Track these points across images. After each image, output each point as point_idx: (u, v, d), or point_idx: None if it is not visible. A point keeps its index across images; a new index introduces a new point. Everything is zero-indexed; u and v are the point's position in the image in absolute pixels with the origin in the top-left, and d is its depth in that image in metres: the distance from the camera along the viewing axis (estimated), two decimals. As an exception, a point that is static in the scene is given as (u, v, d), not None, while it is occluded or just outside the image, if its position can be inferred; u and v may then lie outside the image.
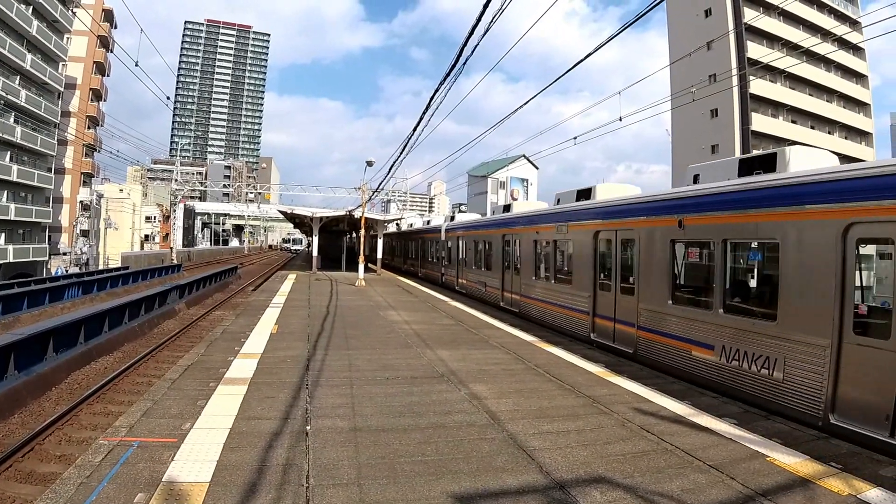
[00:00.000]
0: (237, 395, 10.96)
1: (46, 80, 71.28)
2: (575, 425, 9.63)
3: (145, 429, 9.14)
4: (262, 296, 29.92)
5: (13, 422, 13.08)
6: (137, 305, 25.13)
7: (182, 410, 10.05)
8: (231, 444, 8.44)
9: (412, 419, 9.69)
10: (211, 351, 15.14)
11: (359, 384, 11.86)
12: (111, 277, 43.40)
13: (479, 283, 32.89)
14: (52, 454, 11.37)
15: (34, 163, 71.36)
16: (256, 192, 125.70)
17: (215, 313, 29.92)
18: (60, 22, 73.44)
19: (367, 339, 17.29)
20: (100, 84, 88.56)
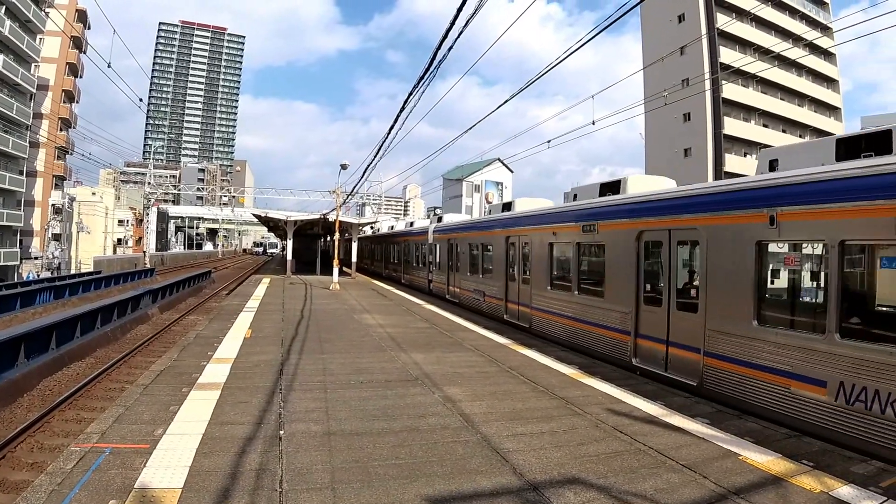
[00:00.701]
0: (210, 400, 10.91)
1: (18, 80, 71.00)
2: (549, 427, 9.66)
3: (117, 435, 9.08)
4: (235, 300, 29.79)
5: None
6: (110, 310, 25.02)
7: (154, 416, 9.98)
8: (204, 450, 8.39)
9: (386, 423, 9.68)
10: (184, 356, 15.05)
11: (333, 388, 11.84)
12: (83, 282, 43.17)
13: (475, 291, 29.23)
14: (24, 462, 11.34)
15: (5, 165, 71.07)
16: (231, 196, 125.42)
17: (188, 318, 29.88)
18: (33, 22, 73.21)
19: (342, 342, 17.24)
20: (72, 85, 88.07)
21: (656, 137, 75.87)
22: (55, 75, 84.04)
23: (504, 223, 25.64)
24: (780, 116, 76.39)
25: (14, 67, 70.11)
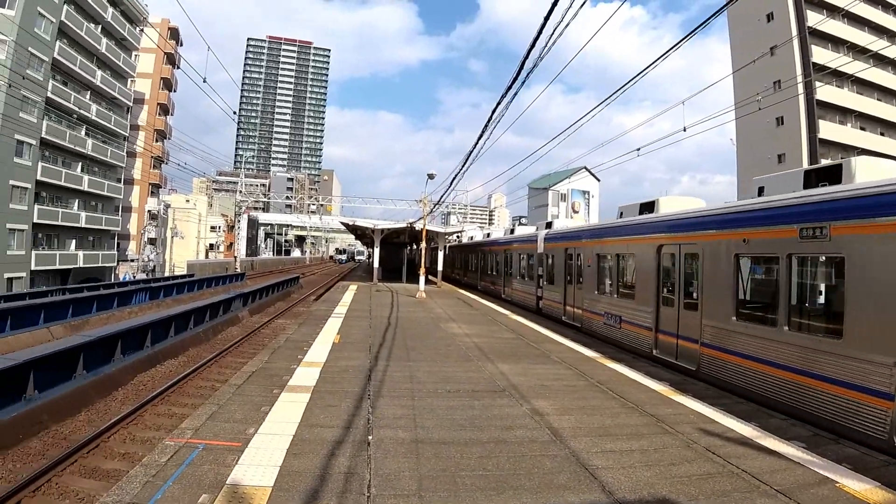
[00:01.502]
0: (300, 402, 11.05)
1: (116, 95, 73.57)
2: (638, 444, 9.42)
3: (210, 432, 9.29)
4: (323, 306, 30.05)
5: (80, 419, 13.54)
6: (202, 312, 25.69)
7: (246, 415, 10.17)
8: (294, 451, 8.52)
9: (473, 433, 9.61)
10: (274, 358, 15.30)
11: (420, 396, 11.84)
12: (177, 284, 44.25)
13: (608, 315, 22.90)
14: (117, 452, 11.70)
15: (104, 173, 73.59)
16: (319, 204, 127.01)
17: (277, 321, 30.24)
18: (128, 40, 75.76)
19: (428, 351, 17.22)
20: (167, 99, 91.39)
21: (748, 143, 73.24)
22: (150, 89, 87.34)
23: (655, 227, 19.69)
24: (877, 118, 72.91)
25: (111, 82, 72.70)
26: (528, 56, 12.40)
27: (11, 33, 51.74)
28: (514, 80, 13.83)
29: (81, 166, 68.76)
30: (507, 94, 14.93)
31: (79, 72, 65.26)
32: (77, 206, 68.25)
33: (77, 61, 64.55)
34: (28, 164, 57.98)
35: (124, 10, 73.90)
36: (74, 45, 64.76)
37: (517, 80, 13.82)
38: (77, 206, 68.25)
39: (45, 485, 9.97)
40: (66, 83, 64.34)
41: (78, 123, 66.38)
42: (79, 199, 68.65)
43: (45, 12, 58.32)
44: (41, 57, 57.95)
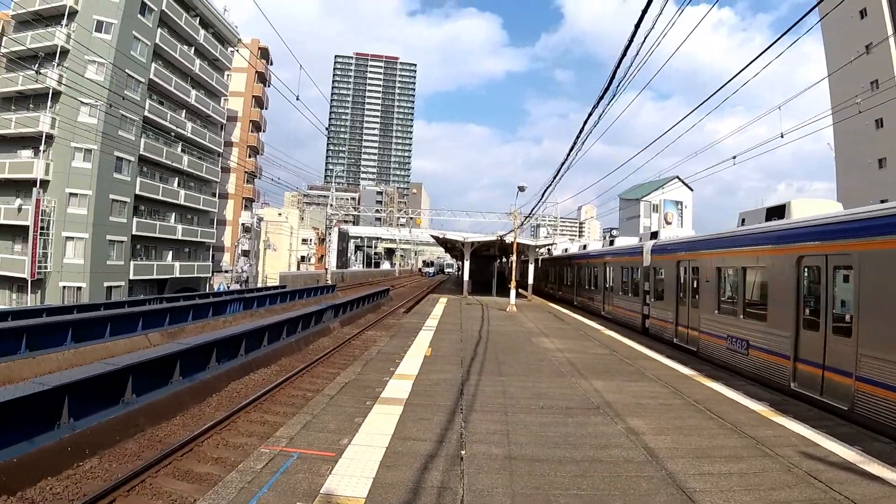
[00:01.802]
0: (393, 414, 11.10)
1: (210, 113, 75.94)
2: (737, 467, 9.11)
3: (305, 441, 9.43)
4: (414, 318, 30.13)
5: (175, 423, 13.90)
6: (294, 323, 26.08)
7: (340, 426, 10.27)
8: (387, 463, 8.56)
9: (567, 451, 9.49)
10: (367, 370, 15.42)
11: (513, 412, 11.74)
12: (270, 295, 44.87)
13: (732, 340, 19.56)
14: (210, 456, 11.94)
15: (200, 188, 75.84)
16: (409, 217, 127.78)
17: (368, 333, 30.40)
18: (220, 60, 78.12)
19: (520, 365, 17.03)
20: (259, 116, 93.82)
21: (846, 147, 69.34)
22: (242, 107, 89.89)
23: (792, 234, 16.73)
24: None
25: (205, 101, 75.04)
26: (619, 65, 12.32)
27: (109, 56, 53.71)
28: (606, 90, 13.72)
29: (178, 181, 71.04)
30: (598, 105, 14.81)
31: (174, 92, 67.69)
32: (174, 219, 70.63)
33: (172, 82, 66.94)
34: (127, 179, 60.15)
35: (216, 31, 76.13)
36: (169, 67, 67.13)
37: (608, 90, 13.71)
38: (174, 219, 70.63)
39: (140, 485, 10.27)
40: (163, 102, 66.70)
41: (174, 140, 68.59)
42: (175, 212, 70.99)
43: (141, 36, 60.69)
44: (138, 78, 60.21)
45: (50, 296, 54.65)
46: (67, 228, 55.45)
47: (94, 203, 56.11)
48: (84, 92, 50.35)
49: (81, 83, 49.84)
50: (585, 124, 16.09)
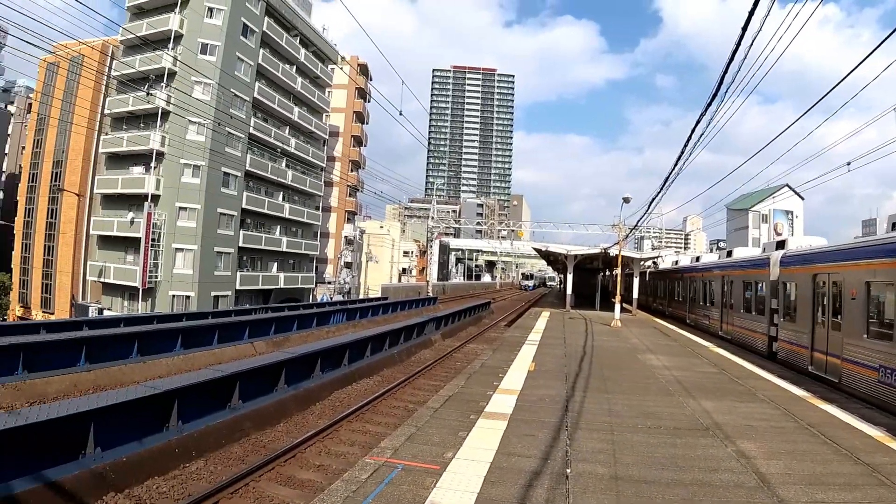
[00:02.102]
0: (497, 429, 11.04)
1: (312, 129, 77.69)
2: (852, 496, 8.63)
3: (409, 453, 9.45)
4: (516, 332, 29.93)
5: (279, 430, 14.19)
6: (397, 334, 26.28)
7: (444, 439, 10.26)
8: (491, 478, 8.51)
9: (675, 473, 9.22)
10: (470, 384, 15.40)
11: (619, 430, 11.51)
12: (372, 307, 45.17)
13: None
14: (312, 463, 12.09)
15: (303, 202, 77.55)
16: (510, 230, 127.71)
17: (469, 346, 30.31)
18: (322, 78, 79.78)
19: (626, 382, 16.69)
20: (360, 131, 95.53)
21: None
22: (344, 123, 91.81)
23: None
24: None
25: (308, 118, 76.77)
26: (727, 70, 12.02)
27: (215, 77, 55.53)
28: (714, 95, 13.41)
29: (283, 195, 72.76)
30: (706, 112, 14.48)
31: (278, 109, 69.59)
32: (279, 232, 72.42)
33: (276, 100, 68.80)
34: (234, 193, 61.99)
35: (316, 50, 77.71)
36: (272, 85, 69.01)
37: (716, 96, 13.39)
38: (279, 232, 72.42)
39: (243, 488, 10.49)
40: (267, 120, 68.56)
41: (279, 156, 70.24)
42: (280, 225, 72.81)
43: (244, 57, 62.72)
44: (243, 97, 62.12)
45: (160, 304, 56.90)
46: (177, 240, 57.59)
47: (202, 216, 58.07)
48: (192, 111, 52.29)
49: (189, 103, 51.84)
50: (693, 132, 15.69)
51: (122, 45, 63.19)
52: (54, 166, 71.51)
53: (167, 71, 56.87)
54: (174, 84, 55.55)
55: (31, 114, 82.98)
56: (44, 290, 71.19)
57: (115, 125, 63.58)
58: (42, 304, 70.77)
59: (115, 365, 19.63)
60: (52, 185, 71.22)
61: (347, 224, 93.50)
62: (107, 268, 60.27)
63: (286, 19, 69.94)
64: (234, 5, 60.57)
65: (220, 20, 59.68)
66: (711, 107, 14.17)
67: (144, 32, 57.29)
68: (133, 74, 56.71)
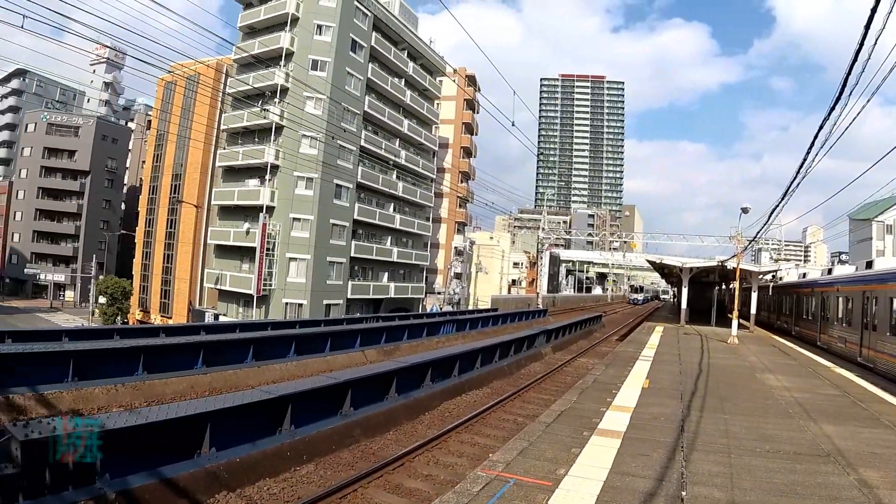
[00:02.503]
0: (610, 447, 10.90)
1: (422, 141, 78.42)
2: None
3: (521, 468, 9.41)
4: (629, 347, 29.51)
5: (388, 438, 14.29)
6: (507, 346, 26.24)
7: (556, 455, 10.18)
8: (605, 498, 8.41)
9: (794, 500, 8.84)
10: (583, 399, 15.26)
11: (736, 453, 11.14)
12: (482, 318, 45.12)
13: None
14: (420, 473, 12.09)
15: (414, 213, 78.34)
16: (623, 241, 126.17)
17: (580, 360, 29.96)
18: (430, 90, 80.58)
19: (743, 403, 16.11)
20: (469, 142, 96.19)
21: None
22: (453, 134, 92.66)
23: None
24: None
25: (417, 129, 77.55)
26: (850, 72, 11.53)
27: (326, 91, 56.81)
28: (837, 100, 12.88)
29: (393, 206, 73.68)
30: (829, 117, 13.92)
31: (387, 122, 70.49)
32: (390, 242, 73.26)
33: (385, 112, 69.68)
34: (346, 205, 63.13)
35: (424, 63, 78.40)
36: (382, 99, 69.98)
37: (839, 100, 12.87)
38: (390, 242, 73.26)
39: (352, 494, 10.59)
40: (377, 132, 69.57)
41: (390, 168, 71.27)
42: (391, 235, 73.62)
43: (353, 72, 63.72)
44: (353, 111, 63.21)
45: (273, 311, 58.27)
46: (291, 250, 58.98)
47: (315, 227, 59.32)
48: (304, 125, 53.80)
49: (302, 117, 53.34)
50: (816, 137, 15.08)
51: (235, 63, 65.51)
52: (173, 179, 75.03)
53: (280, 87, 58.45)
54: (287, 99, 56.92)
55: (151, 130, 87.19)
56: (162, 296, 74.88)
57: (231, 140, 65.91)
58: (160, 309, 74.29)
59: (230, 369, 20.22)
60: (171, 197, 74.77)
61: (457, 235, 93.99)
62: (223, 275, 62.37)
63: (393, 33, 70.99)
64: (343, 22, 61.80)
65: (329, 37, 60.97)
66: (835, 111, 13.59)
67: (257, 51, 59.45)
68: (247, 91, 58.40)
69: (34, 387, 14.56)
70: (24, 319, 74.55)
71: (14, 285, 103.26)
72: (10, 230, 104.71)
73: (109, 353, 17.63)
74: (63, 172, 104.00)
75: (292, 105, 54.88)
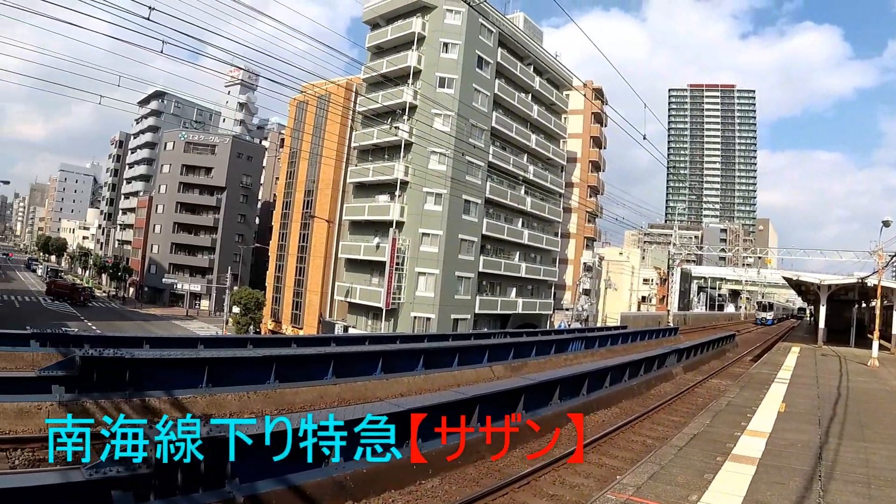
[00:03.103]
0: (745, 474, 10.67)
1: (550, 155, 78.28)
2: None
3: (652, 492, 9.31)
4: (763, 368, 28.67)
5: (514, 455, 14.24)
6: (637, 365, 25.84)
7: (689, 480, 10.02)
8: (739, 527, 8.18)
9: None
10: (716, 423, 14.97)
11: (877, 485, 10.69)
12: (611, 335, 44.75)
13: None
14: (546, 492, 12.04)
15: (542, 228, 78.23)
16: (757, 256, 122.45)
17: (712, 381, 29.32)
18: (557, 104, 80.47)
19: (885, 430, 15.42)
20: (597, 156, 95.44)
21: None
22: (581, 148, 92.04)
23: None
24: None
25: (545, 144, 77.34)
26: None
27: (454, 108, 57.68)
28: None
29: (522, 222, 73.75)
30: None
31: (515, 137, 70.65)
32: (518, 258, 73.25)
33: (513, 128, 69.90)
34: (474, 220, 63.58)
35: (550, 77, 78.20)
36: (509, 114, 70.19)
37: None
38: (518, 258, 73.25)
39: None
40: (505, 148, 69.85)
41: (518, 183, 71.43)
42: (519, 251, 73.66)
43: (480, 88, 64.20)
44: (481, 127, 63.68)
45: (401, 324, 59.09)
46: (420, 265, 59.82)
47: (444, 242, 60.01)
48: (433, 141, 54.66)
49: (430, 134, 54.34)
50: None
51: (364, 82, 67.05)
52: (305, 195, 77.10)
53: (408, 105, 59.53)
54: (415, 116, 57.88)
55: (284, 148, 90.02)
56: (294, 307, 76.84)
57: (361, 157, 67.69)
58: (292, 320, 76.31)
59: (359, 380, 20.58)
60: (303, 212, 76.86)
61: (586, 250, 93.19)
62: (353, 288, 63.65)
63: (519, 49, 71.06)
64: (468, 39, 62.31)
65: (456, 54, 61.59)
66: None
67: (385, 70, 60.79)
68: (377, 109, 59.83)
69: (170, 391, 15.26)
70: (162, 326, 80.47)
71: (153, 294, 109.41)
72: (150, 242, 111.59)
73: (243, 361, 18.38)
74: (200, 188, 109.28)
75: (421, 122, 55.81)
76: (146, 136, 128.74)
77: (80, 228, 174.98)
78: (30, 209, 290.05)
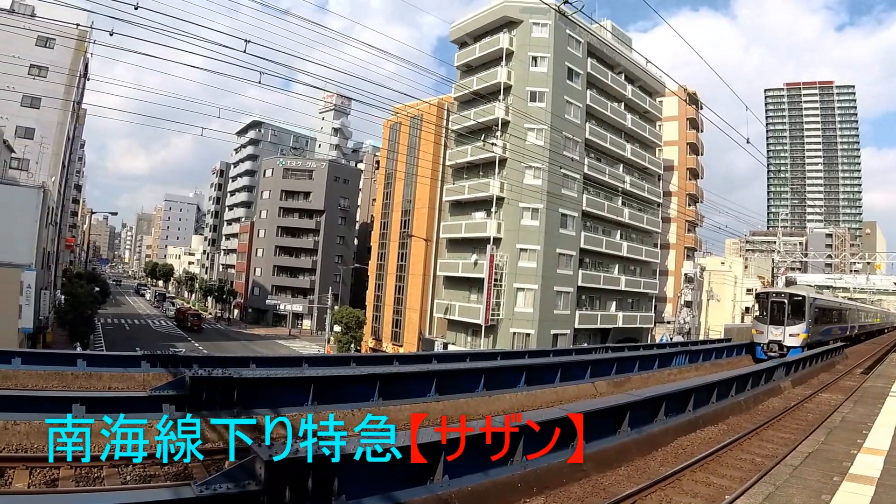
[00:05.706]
0: (863, 494, 10.32)
1: (646, 165, 77.51)
2: None
3: None
4: (877, 381, 27.53)
5: (619, 473, 13.96)
6: (744, 380, 25.01)
7: (805, 502, 9.70)
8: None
9: None
10: (831, 440, 14.47)
11: None
12: (715, 349, 43.70)
13: None
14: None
15: (641, 239, 77.36)
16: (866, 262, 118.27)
17: (822, 395, 28.24)
18: (651, 112, 79.54)
19: None
20: (695, 163, 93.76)
21: None
22: (678, 156, 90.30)
23: None
24: None
25: (640, 153, 76.58)
26: None
27: (546, 121, 57.85)
28: None
29: (620, 233, 73.18)
30: None
31: (609, 148, 70.16)
32: (617, 271, 72.65)
33: (607, 138, 69.47)
34: (572, 234, 63.38)
35: (642, 85, 77.41)
36: (602, 124, 69.80)
37: None
38: (617, 271, 72.65)
39: None
40: (600, 159, 69.42)
41: (614, 194, 70.86)
42: (618, 263, 73.02)
43: (572, 100, 64.11)
44: (574, 139, 63.52)
45: (500, 340, 59.25)
46: (518, 280, 59.92)
47: (542, 257, 59.95)
48: (527, 156, 54.60)
49: (524, 148, 54.24)
50: None
51: (455, 101, 68.00)
52: (402, 215, 78.41)
53: (501, 121, 59.86)
54: (508, 132, 58.03)
55: (380, 169, 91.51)
56: (394, 325, 78.17)
57: (456, 174, 68.28)
58: (392, 338, 77.58)
59: (462, 397, 20.60)
60: (401, 232, 78.07)
61: (687, 261, 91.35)
62: (452, 305, 64.33)
63: (608, 58, 70.61)
64: (557, 52, 62.27)
65: (545, 67, 61.65)
66: None
67: (476, 87, 61.50)
68: (470, 126, 60.14)
69: (276, 409, 15.45)
70: (266, 346, 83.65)
71: (257, 315, 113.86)
72: (253, 265, 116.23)
73: (347, 379, 18.60)
74: (299, 212, 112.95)
75: (514, 137, 55.96)
76: (246, 164, 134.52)
77: (186, 254, 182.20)
78: (137, 237, 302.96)
